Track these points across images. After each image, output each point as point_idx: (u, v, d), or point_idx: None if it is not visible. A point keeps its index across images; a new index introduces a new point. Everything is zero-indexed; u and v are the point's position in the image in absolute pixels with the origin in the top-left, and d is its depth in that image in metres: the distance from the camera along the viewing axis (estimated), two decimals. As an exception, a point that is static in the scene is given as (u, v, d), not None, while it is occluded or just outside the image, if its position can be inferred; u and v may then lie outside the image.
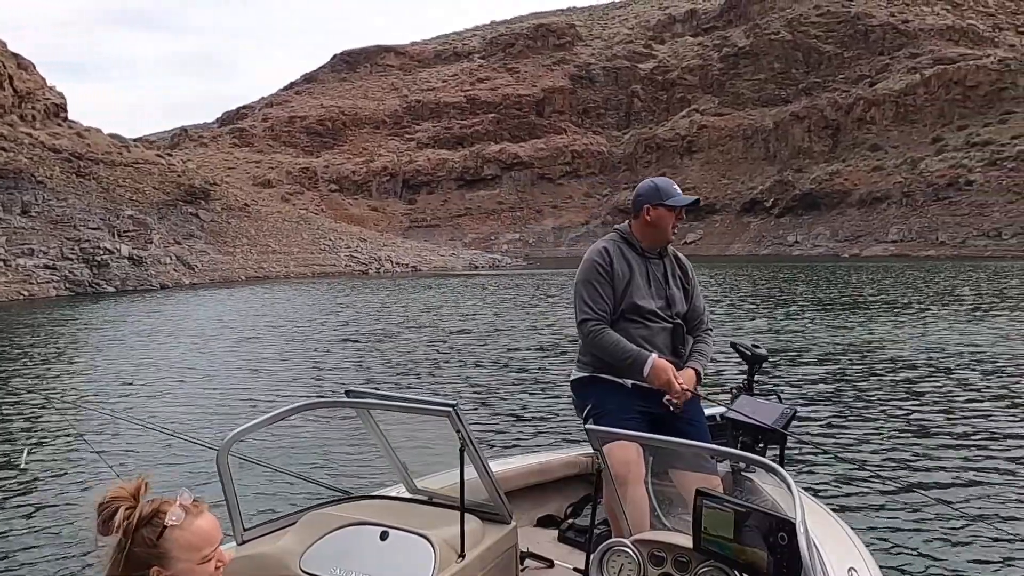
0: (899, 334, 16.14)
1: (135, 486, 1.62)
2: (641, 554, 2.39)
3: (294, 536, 2.53)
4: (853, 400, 9.84)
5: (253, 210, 63.00)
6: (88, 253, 41.74)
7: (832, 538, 2.86)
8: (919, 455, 7.32)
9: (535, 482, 3.56)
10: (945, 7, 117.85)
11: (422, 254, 70.27)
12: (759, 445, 3.35)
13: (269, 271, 53.63)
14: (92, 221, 45.62)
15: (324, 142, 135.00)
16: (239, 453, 2.61)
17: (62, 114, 57.97)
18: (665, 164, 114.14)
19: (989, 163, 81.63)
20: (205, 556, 1.62)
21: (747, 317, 20.61)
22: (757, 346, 3.84)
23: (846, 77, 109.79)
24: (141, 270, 43.04)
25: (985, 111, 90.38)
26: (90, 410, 6.84)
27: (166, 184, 56.56)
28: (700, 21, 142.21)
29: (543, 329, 19.07)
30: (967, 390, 10.37)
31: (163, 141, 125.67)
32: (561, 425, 8.68)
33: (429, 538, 2.40)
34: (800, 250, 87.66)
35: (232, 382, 12.25)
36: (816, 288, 32.36)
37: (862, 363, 12.68)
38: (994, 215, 75.11)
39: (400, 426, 2.85)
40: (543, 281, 42.59)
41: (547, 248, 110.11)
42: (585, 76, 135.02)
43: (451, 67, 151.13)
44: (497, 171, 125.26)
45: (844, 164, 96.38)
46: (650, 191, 3.32)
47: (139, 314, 26.10)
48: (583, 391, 3.29)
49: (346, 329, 19.84)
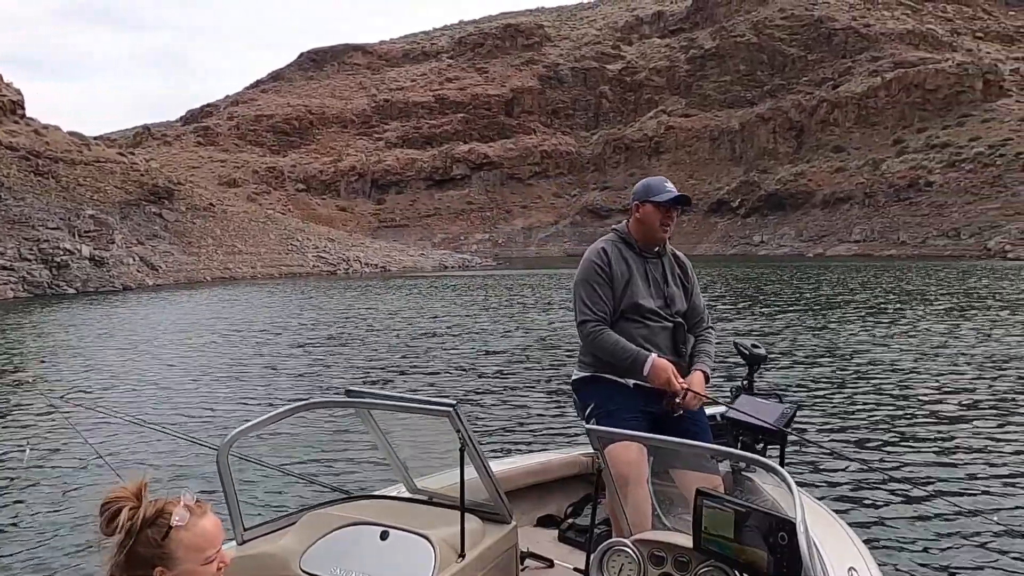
0: (898, 334, 16.26)
1: (137, 486, 1.62)
2: (641, 554, 2.39)
3: (294, 536, 2.52)
4: (853, 400, 9.89)
5: (219, 210, 62.04)
6: (47, 254, 40.71)
7: (832, 538, 2.87)
8: (919, 454, 7.36)
9: (535, 482, 3.57)
10: (905, 12, 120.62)
11: (391, 254, 69.86)
12: (759, 445, 3.37)
13: (235, 272, 52.86)
14: (51, 221, 44.51)
15: (291, 141, 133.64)
16: (239, 453, 2.60)
17: (19, 111, 56.41)
18: (633, 165, 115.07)
19: (948, 164, 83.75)
20: (208, 557, 1.62)
21: (737, 317, 20.75)
22: (757, 346, 3.86)
23: (810, 80, 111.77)
24: (103, 271, 42.11)
25: (944, 114, 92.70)
26: (90, 409, 6.73)
27: (128, 183, 55.43)
28: (667, 23, 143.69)
29: (543, 329, 19.07)
30: (967, 390, 10.43)
31: (125, 139, 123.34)
32: (561, 425, 8.66)
33: (429, 538, 2.39)
34: (766, 250, 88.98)
35: (231, 382, 12.15)
36: (800, 288, 32.70)
37: (862, 363, 12.75)
38: (953, 215, 77.02)
39: (400, 426, 2.84)
40: (528, 282, 42.60)
41: (517, 248, 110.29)
42: (554, 76, 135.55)
43: (420, 66, 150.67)
44: (466, 171, 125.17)
45: (808, 165, 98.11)
46: (640, 189, 3.34)
47: (125, 314, 25.60)
48: (584, 391, 3.28)
49: (342, 329, 19.71)
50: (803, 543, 1.98)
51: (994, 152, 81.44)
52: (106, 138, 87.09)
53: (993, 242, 67.92)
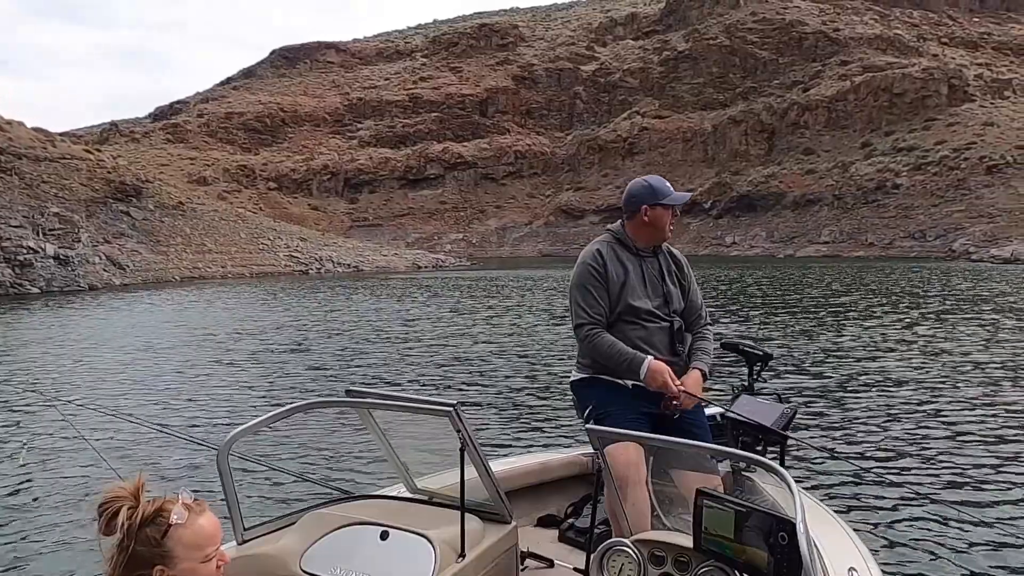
0: (897, 335, 16.39)
1: (134, 486, 1.62)
2: (641, 554, 2.39)
3: (294, 536, 2.52)
4: (853, 400, 9.94)
5: (188, 208, 61.11)
6: (10, 252, 39.77)
7: (832, 538, 2.89)
8: (919, 455, 7.39)
9: (535, 482, 3.57)
10: (874, 17, 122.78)
11: (364, 254, 69.36)
12: (759, 445, 3.37)
13: (205, 271, 52.12)
14: (14, 219, 43.46)
15: (263, 139, 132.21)
16: (239, 453, 2.58)
17: (-18, 106, 55.04)
18: (607, 166, 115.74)
19: (914, 167, 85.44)
20: (208, 555, 1.62)
21: (724, 318, 20.85)
22: (757, 346, 3.89)
23: (781, 83, 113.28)
24: (68, 270, 41.24)
25: (911, 117, 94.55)
26: (90, 409, 6.62)
27: (95, 180, 54.35)
28: (641, 25, 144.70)
29: (543, 328, 19.07)
30: (966, 390, 10.49)
31: (92, 136, 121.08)
32: (561, 425, 8.66)
33: (429, 538, 2.39)
34: (738, 251, 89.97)
35: (229, 382, 12.07)
36: (781, 288, 32.99)
37: (862, 363, 12.82)
38: (919, 217, 78.60)
39: (400, 426, 2.84)
40: (505, 282, 42.52)
41: (491, 248, 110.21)
42: (528, 77, 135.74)
43: (393, 65, 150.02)
44: (440, 171, 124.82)
45: (779, 167, 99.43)
46: (646, 191, 3.29)
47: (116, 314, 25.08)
48: (583, 392, 3.28)
49: (336, 329, 19.56)
50: (803, 543, 1.98)
51: (958, 155, 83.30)
52: (72, 135, 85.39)
53: (957, 243, 69.44)
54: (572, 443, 6.85)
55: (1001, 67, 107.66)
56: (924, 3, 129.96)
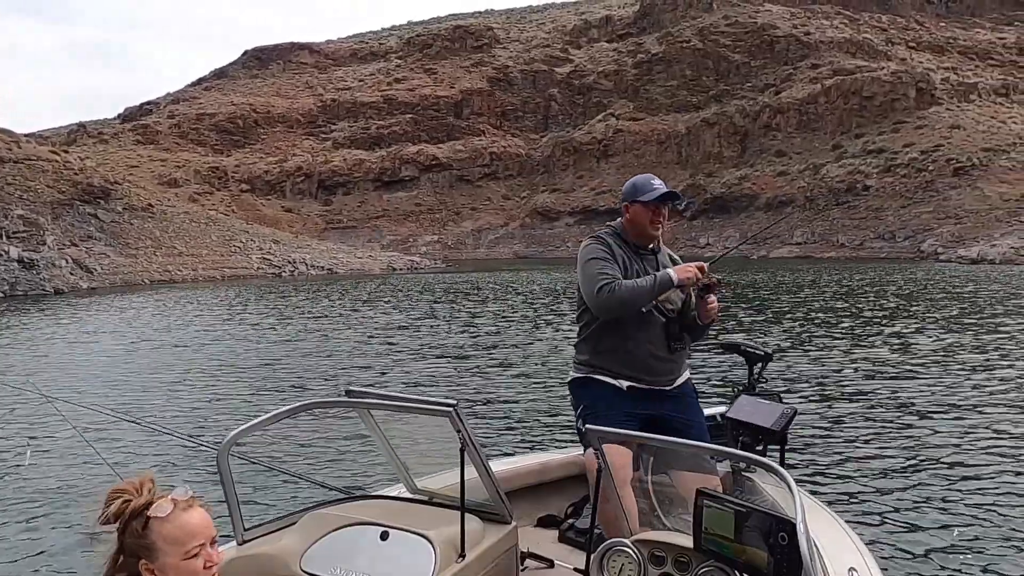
0: (896, 335, 16.51)
1: (141, 481, 1.65)
2: (641, 554, 2.39)
3: (294, 536, 2.53)
4: (853, 400, 9.99)
5: (158, 210, 60.22)
6: (-27, 255, 38.93)
7: (832, 538, 2.91)
8: (919, 455, 7.42)
9: (535, 482, 3.60)
10: (843, 21, 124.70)
11: (338, 256, 68.86)
12: (759, 445, 3.38)
13: (175, 274, 51.39)
14: (-22, 221, 42.58)
15: (235, 141, 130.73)
16: (239, 453, 2.59)
17: (-58, 106, 53.87)
18: (582, 167, 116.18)
19: (884, 169, 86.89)
20: (188, 551, 1.61)
21: (731, 320, 20.88)
22: (758, 346, 3.91)
23: (753, 85, 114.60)
24: (33, 274, 40.40)
25: (880, 120, 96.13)
26: (91, 409, 6.55)
27: (61, 182, 53.34)
28: (615, 27, 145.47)
29: (543, 328, 19.09)
30: (966, 391, 10.55)
31: (58, 137, 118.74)
32: (561, 425, 8.69)
33: (429, 538, 2.41)
34: (712, 252, 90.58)
35: (228, 382, 12.01)
36: (765, 289, 33.28)
37: (861, 364, 12.91)
38: (888, 219, 79.92)
39: (400, 426, 2.84)
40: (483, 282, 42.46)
41: (466, 251, 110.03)
42: (503, 79, 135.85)
43: (368, 66, 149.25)
44: (415, 172, 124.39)
45: (752, 169, 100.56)
46: (628, 189, 3.38)
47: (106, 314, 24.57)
48: (578, 392, 3.32)
49: (333, 329, 19.47)
50: (803, 543, 1.99)
51: (926, 158, 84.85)
52: (38, 136, 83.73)
53: (926, 244, 70.70)
54: (572, 443, 6.90)
55: (967, 71, 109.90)
56: (892, 8, 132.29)
